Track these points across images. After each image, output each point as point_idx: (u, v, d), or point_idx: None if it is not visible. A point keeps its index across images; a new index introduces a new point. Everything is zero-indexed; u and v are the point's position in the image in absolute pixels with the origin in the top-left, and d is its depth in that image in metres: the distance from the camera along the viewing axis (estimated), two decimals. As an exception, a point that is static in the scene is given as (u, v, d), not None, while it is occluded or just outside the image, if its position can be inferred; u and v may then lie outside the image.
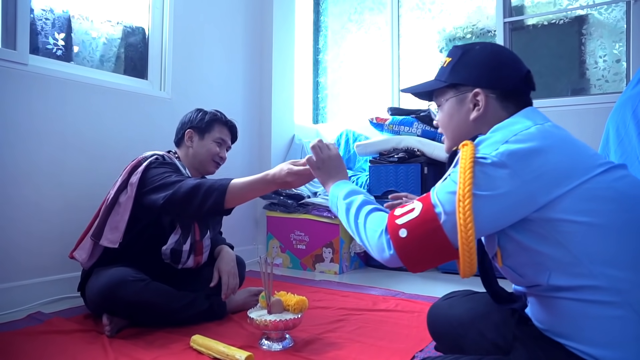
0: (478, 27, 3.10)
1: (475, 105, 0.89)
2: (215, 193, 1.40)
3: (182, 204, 1.43)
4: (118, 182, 1.61)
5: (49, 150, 1.92)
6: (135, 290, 1.43)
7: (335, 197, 1.01)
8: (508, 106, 0.88)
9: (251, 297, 1.74)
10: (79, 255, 1.60)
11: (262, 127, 3.10)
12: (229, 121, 1.85)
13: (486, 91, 0.88)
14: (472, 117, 0.89)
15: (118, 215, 1.56)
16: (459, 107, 0.92)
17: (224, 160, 1.83)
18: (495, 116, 0.88)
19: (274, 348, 1.34)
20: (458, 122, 0.93)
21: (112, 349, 1.31)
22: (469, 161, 0.75)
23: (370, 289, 2.13)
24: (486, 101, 0.88)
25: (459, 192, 0.73)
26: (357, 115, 3.53)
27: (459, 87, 0.92)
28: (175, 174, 1.55)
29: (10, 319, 1.62)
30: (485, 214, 0.74)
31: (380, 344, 1.38)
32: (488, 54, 0.91)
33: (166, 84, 2.47)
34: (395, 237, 0.78)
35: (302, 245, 2.72)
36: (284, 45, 3.21)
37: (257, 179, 1.42)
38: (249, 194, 1.44)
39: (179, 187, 1.44)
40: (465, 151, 0.77)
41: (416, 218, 0.78)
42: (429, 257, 0.78)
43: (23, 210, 1.83)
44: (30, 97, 1.86)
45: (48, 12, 2.05)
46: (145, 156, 1.65)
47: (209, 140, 1.77)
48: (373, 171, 2.82)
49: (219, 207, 1.42)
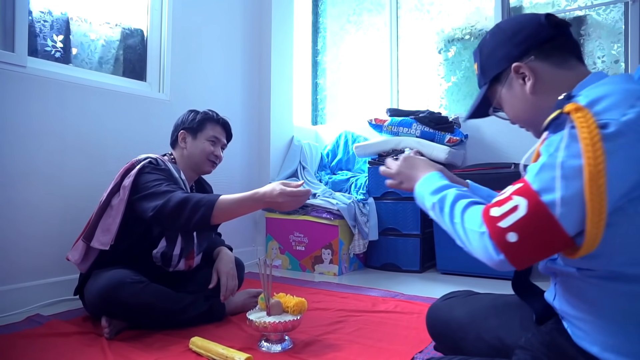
0: (477, 28, 3.11)
1: (524, 78, 0.84)
2: (203, 209, 1.40)
3: (170, 217, 1.42)
4: (111, 184, 1.61)
5: (48, 152, 1.92)
6: (133, 292, 1.43)
7: (421, 196, 0.92)
8: (555, 59, 0.82)
9: (250, 299, 1.74)
10: (72, 256, 1.61)
11: (261, 129, 3.10)
12: (221, 119, 1.83)
13: (522, 60, 0.83)
14: (529, 89, 0.83)
15: (110, 218, 1.56)
16: (512, 91, 0.87)
17: (219, 159, 1.82)
18: (553, 76, 0.81)
19: (273, 350, 1.33)
20: (524, 105, 0.86)
21: (111, 351, 1.31)
22: (595, 132, 0.63)
23: (369, 290, 2.13)
24: (530, 67, 0.82)
25: (588, 169, 0.62)
26: (356, 116, 3.54)
27: (500, 77, 0.88)
28: (167, 183, 1.53)
29: (9, 321, 1.62)
30: (616, 195, 0.64)
31: (380, 345, 1.38)
32: (499, 32, 0.89)
33: (165, 85, 2.47)
34: (502, 242, 0.68)
35: (301, 246, 2.72)
36: (283, 47, 3.22)
37: (246, 197, 1.42)
38: (237, 210, 1.44)
39: (168, 199, 1.43)
40: (582, 119, 0.65)
41: (524, 217, 0.67)
42: (541, 254, 0.70)
43: (22, 212, 1.82)
44: (29, 100, 1.86)
45: (46, 14, 2.05)
46: (139, 159, 1.64)
47: (202, 140, 1.76)
48: (372, 172, 2.82)
49: (206, 223, 1.42)
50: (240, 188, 2.89)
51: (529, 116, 0.87)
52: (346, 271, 2.66)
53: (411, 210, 2.67)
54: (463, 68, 3.14)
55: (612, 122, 0.64)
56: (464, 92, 3.13)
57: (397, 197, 2.72)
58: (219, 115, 1.83)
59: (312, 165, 3.24)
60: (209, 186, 1.98)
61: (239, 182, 2.90)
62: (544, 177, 0.67)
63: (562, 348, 0.76)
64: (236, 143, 2.92)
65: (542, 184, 0.67)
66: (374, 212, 2.75)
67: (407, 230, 2.68)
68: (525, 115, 0.87)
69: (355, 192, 2.89)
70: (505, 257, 0.68)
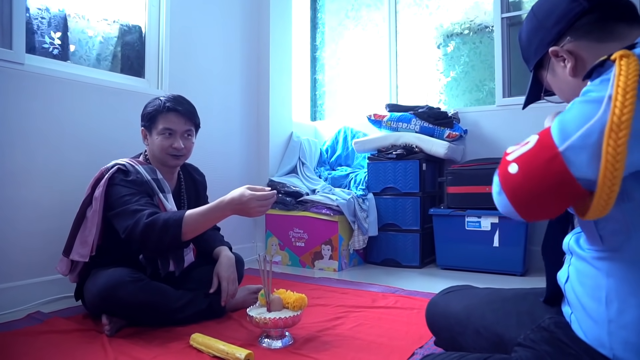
0: (475, 23, 3.10)
1: (565, 61, 0.80)
2: (171, 229, 1.40)
3: (141, 241, 1.43)
4: (84, 195, 1.61)
5: (47, 150, 1.91)
6: (133, 291, 1.43)
7: None
8: (596, 34, 0.77)
9: (250, 295, 1.74)
10: (60, 268, 1.63)
11: (260, 125, 3.09)
12: (168, 107, 1.64)
13: (559, 43, 0.80)
14: (570, 71, 0.79)
15: (86, 230, 1.56)
16: (556, 75, 0.84)
17: (180, 150, 1.67)
18: (596, 52, 0.75)
19: (273, 346, 1.34)
20: (568, 87, 0.83)
21: (111, 348, 1.31)
22: (633, 79, 0.58)
23: (369, 286, 2.13)
24: (567, 49, 0.79)
25: (612, 118, 0.57)
26: (355, 112, 3.53)
27: (542, 64, 0.86)
28: (137, 197, 1.50)
29: (9, 318, 1.62)
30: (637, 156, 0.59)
31: (380, 340, 1.38)
32: (532, 18, 0.86)
33: (163, 82, 2.46)
34: (504, 175, 0.66)
35: (301, 242, 2.72)
36: (281, 43, 3.21)
37: (211, 207, 1.42)
38: (205, 223, 1.44)
39: (136, 222, 1.42)
40: (625, 66, 0.60)
41: (530, 149, 0.64)
42: (545, 197, 0.64)
43: (21, 209, 1.82)
44: (27, 97, 1.85)
45: (44, 11, 2.04)
46: (107, 167, 1.61)
47: (156, 135, 1.66)
48: (371, 168, 2.82)
49: (177, 242, 1.42)
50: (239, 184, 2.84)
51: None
52: (346, 267, 2.66)
53: (411, 205, 2.67)
54: (462, 63, 3.14)
55: None
56: (463, 87, 3.12)
57: (397, 193, 2.72)
58: (168, 102, 1.65)
59: (312, 161, 3.24)
60: (200, 175, 1.93)
61: (238, 178, 2.90)
62: (565, 117, 0.64)
63: (564, 345, 0.75)
64: (235, 139, 2.92)
65: (560, 122, 0.64)
66: (374, 208, 2.75)
67: (406, 225, 2.68)
68: (574, 97, 0.79)
69: (354, 187, 2.89)
70: (506, 194, 0.66)
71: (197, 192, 1.88)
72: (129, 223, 1.44)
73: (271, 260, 1.43)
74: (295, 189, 2.77)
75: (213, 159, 2.69)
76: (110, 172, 1.57)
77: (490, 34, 3.01)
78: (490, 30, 3.00)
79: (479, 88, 3.06)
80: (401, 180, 2.72)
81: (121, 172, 1.58)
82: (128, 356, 1.26)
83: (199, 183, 1.90)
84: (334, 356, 1.26)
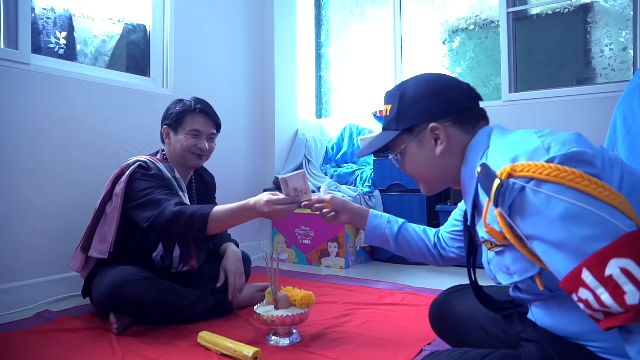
0: (481, 18, 3.07)
1: (437, 139, 0.85)
2: (197, 222, 1.38)
3: (165, 229, 1.42)
4: (103, 192, 1.61)
5: (53, 149, 1.92)
6: (141, 289, 1.43)
7: None
8: (466, 127, 0.85)
9: (257, 293, 1.74)
10: (73, 264, 1.63)
11: (265, 123, 3.09)
12: (199, 107, 1.68)
13: (441, 122, 0.85)
14: (438, 152, 0.85)
15: (105, 226, 1.56)
16: (421, 147, 0.87)
17: (205, 151, 1.70)
18: (460, 142, 0.85)
19: (281, 343, 1.34)
20: (426, 163, 0.88)
21: (119, 347, 1.32)
22: (559, 167, 0.61)
23: (376, 283, 2.13)
24: (445, 131, 0.84)
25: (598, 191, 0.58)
26: (361, 108, 3.52)
27: (413, 129, 0.88)
28: (159, 190, 1.51)
29: (19, 317, 1.63)
30: None
31: (388, 337, 1.38)
32: (424, 85, 0.88)
33: (168, 80, 2.46)
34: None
35: (308, 240, 2.72)
36: (286, 40, 3.20)
37: (238, 207, 1.39)
38: (232, 222, 1.43)
39: (162, 210, 1.41)
40: (529, 167, 0.63)
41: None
42: None
43: (29, 209, 1.83)
44: (33, 97, 1.86)
45: (49, 10, 2.05)
46: (128, 164, 1.61)
47: (182, 134, 1.66)
48: (377, 165, 2.82)
49: (202, 235, 1.41)
50: (244, 183, 2.89)
51: (428, 175, 0.90)
52: (352, 264, 2.66)
53: (417, 202, 2.66)
54: (467, 58, 3.11)
55: (557, 157, 0.62)
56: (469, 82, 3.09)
57: (403, 190, 2.71)
58: (198, 104, 1.69)
59: (317, 159, 3.23)
60: (209, 176, 1.94)
61: (244, 176, 2.90)
62: (572, 243, 0.58)
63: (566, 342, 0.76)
64: (240, 137, 2.92)
65: (580, 246, 0.57)
66: (380, 205, 2.74)
67: (413, 222, 2.65)
68: (426, 173, 0.90)
69: (360, 184, 2.88)
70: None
71: (206, 193, 1.88)
72: (153, 212, 1.43)
73: (278, 257, 1.43)
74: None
75: (219, 157, 2.68)
76: (132, 167, 1.57)
77: (495, 29, 2.98)
78: (496, 25, 2.98)
79: (485, 83, 3.04)
80: (407, 176, 2.69)
81: (142, 168, 1.59)
82: (136, 354, 1.26)
83: (208, 184, 1.90)
84: (341, 353, 1.26)
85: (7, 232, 1.77)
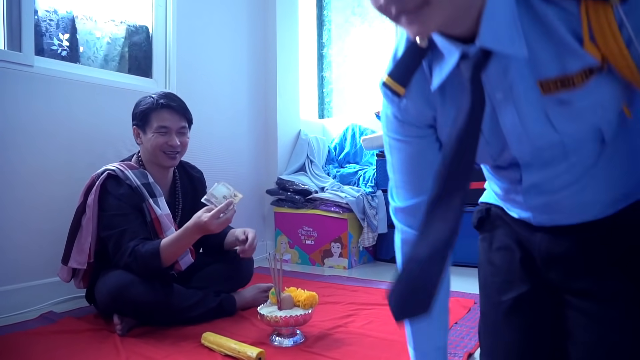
0: (484, 17, 3.06)
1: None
2: (150, 263, 1.44)
3: (128, 269, 1.46)
4: (77, 203, 1.62)
5: (57, 151, 1.93)
6: (144, 290, 1.44)
7: None
8: None
9: (261, 294, 1.74)
10: (61, 274, 1.65)
11: (268, 123, 3.09)
12: (162, 103, 1.61)
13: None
14: None
15: (82, 238, 1.59)
16: None
17: (176, 148, 1.64)
18: None
19: (285, 344, 1.33)
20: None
21: (123, 348, 1.32)
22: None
23: (379, 283, 2.12)
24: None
25: None
26: (363, 109, 3.51)
27: None
28: (127, 217, 1.52)
29: (23, 319, 1.64)
30: None
31: (392, 338, 1.37)
32: None
33: (171, 82, 2.46)
34: None
35: (311, 240, 2.72)
36: (288, 41, 3.20)
37: (180, 234, 1.46)
38: (180, 249, 1.49)
39: (120, 256, 1.47)
40: None
41: None
42: None
43: (32, 210, 1.84)
44: (36, 99, 1.86)
45: (52, 13, 2.06)
46: (98, 174, 1.60)
47: (151, 133, 1.62)
48: (380, 165, 2.81)
49: (160, 271, 1.47)
50: (248, 183, 2.89)
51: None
52: (356, 264, 2.65)
53: (420, 202, 2.65)
54: (470, 58, 3.10)
55: None
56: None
57: (406, 190, 2.71)
58: (162, 99, 1.63)
59: (320, 159, 3.23)
60: (197, 172, 1.90)
61: (247, 177, 2.90)
62: None
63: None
64: (243, 138, 2.92)
65: None
66: (383, 205, 2.73)
67: (416, 222, 2.66)
68: None
69: (363, 185, 2.88)
70: None
71: (194, 189, 1.84)
72: (115, 252, 1.49)
73: (281, 258, 1.43)
74: (304, 187, 2.77)
75: (221, 159, 2.69)
76: (101, 179, 1.57)
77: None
78: (499, 24, 2.97)
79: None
80: (410, 176, 2.70)
81: (112, 178, 1.58)
82: (140, 355, 1.27)
83: (195, 179, 1.86)
84: (345, 354, 1.26)
85: (11, 233, 1.77)
